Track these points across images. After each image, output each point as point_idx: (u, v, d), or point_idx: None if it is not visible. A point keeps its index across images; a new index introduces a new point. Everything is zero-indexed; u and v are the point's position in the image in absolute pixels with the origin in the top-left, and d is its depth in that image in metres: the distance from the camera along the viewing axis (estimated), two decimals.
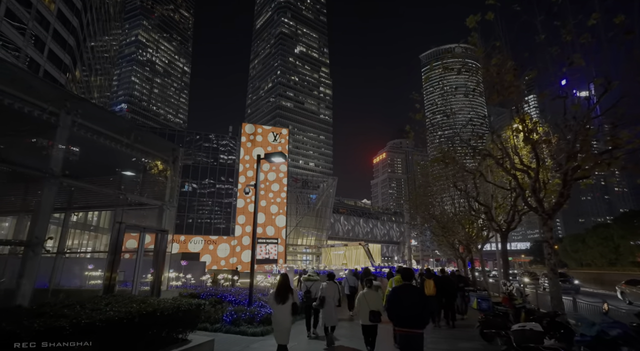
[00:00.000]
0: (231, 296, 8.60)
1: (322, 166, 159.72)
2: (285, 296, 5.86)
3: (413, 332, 4.55)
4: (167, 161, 7.88)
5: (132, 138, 6.73)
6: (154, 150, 7.36)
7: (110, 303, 4.44)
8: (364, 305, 6.66)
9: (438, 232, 26.05)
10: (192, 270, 17.38)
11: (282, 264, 43.26)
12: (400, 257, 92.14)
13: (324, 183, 69.38)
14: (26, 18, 33.73)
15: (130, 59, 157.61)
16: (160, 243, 7.37)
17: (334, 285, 8.27)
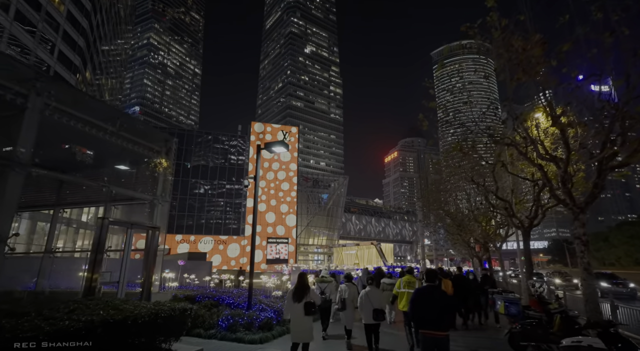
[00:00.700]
0: (230, 298, 7.92)
1: (333, 165, 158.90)
2: (302, 295, 5.84)
3: (438, 335, 4.45)
4: (160, 152, 7.28)
5: (117, 126, 6.14)
6: (143, 140, 6.75)
7: (76, 309, 3.82)
8: (367, 303, 6.57)
9: (453, 230, 25.05)
10: (197, 270, 16.87)
11: (292, 264, 42.65)
12: (413, 256, 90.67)
13: (334, 183, 68.57)
14: (36, 19, 33.97)
15: (142, 62, 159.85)
16: (151, 242, 6.76)
17: (354, 287, 8.01)
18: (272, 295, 9.21)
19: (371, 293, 6.69)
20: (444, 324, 4.50)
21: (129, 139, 6.45)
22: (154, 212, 6.95)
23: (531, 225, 11.71)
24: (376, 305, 6.51)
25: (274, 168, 45.87)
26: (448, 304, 4.63)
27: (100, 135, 5.77)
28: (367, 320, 6.56)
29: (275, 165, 45.96)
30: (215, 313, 6.81)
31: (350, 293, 7.61)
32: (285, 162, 46.61)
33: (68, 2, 38.95)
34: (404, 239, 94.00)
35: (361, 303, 6.71)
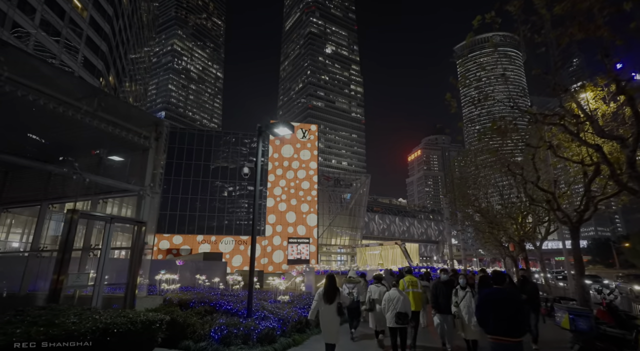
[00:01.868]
0: (228, 304, 6.95)
1: (355, 165, 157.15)
2: (333, 296, 5.85)
3: (512, 341, 4.19)
4: (148, 138, 6.41)
5: (95, 106, 5.30)
6: (128, 123, 5.90)
7: (11, 322, 2.95)
8: (390, 305, 6.49)
9: (484, 228, 23.29)
10: (211, 270, 16.15)
11: (312, 265, 41.66)
12: (439, 256, 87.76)
13: (356, 182, 67.15)
14: (60, 26, 34.81)
15: (167, 68, 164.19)
16: (136, 239, 5.92)
17: (383, 288, 7.89)
18: (279, 300, 8.18)
19: (393, 295, 6.57)
20: (519, 330, 4.22)
21: (110, 121, 5.61)
22: (140, 205, 6.09)
23: (581, 219, 10.10)
24: (399, 308, 6.34)
25: (294, 167, 45.10)
26: (520, 307, 4.35)
27: (70, 114, 4.92)
28: (390, 323, 6.47)
29: (295, 164, 45.19)
30: (208, 321, 5.85)
31: (380, 294, 7.58)
32: (305, 160, 45.75)
33: (90, 7, 39.81)
34: (430, 239, 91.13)
35: (384, 306, 6.64)
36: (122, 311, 3.91)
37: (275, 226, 43.02)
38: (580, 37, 5.99)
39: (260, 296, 8.99)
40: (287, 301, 8.32)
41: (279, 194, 43.85)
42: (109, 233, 5.43)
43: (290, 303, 8.25)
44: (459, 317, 6.77)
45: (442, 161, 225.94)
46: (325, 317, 5.79)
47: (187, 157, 43.53)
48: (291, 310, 7.43)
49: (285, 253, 42.54)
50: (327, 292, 5.86)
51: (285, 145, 45.43)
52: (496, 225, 20.44)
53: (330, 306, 5.76)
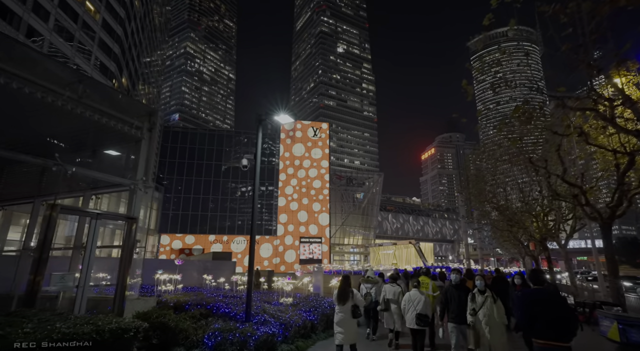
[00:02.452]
0: (226, 307, 6.48)
1: (368, 164, 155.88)
2: (346, 297, 5.85)
3: (559, 346, 3.90)
4: (141, 128, 5.99)
5: (79, 93, 4.90)
6: (118, 112, 5.48)
7: None
8: (411, 306, 6.37)
9: (502, 226, 22.32)
10: (219, 270, 15.81)
11: (324, 264, 41.12)
12: (455, 256, 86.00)
13: (369, 180, 66.29)
14: (73, 28, 35.25)
15: (180, 70, 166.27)
16: (127, 236, 5.50)
17: (398, 288, 7.82)
18: (282, 303, 7.66)
19: (414, 296, 6.42)
20: (567, 333, 3.92)
21: (96, 110, 5.20)
22: (132, 199, 5.67)
23: (613, 215, 9.25)
24: (419, 310, 6.21)
25: (305, 166, 44.69)
26: (568, 309, 4.08)
27: (49, 100, 4.52)
28: (410, 324, 6.37)
29: (306, 163, 44.78)
30: (202, 326, 5.37)
31: (395, 294, 7.51)
32: (317, 159, 45.27)
33: (103, 10, 40.25)
34: (445, 238, 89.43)
35: (404, 307, 6.55)
36: (93, 317, 3.46)
37: (287, 225, 42.68)
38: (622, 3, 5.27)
39: (266, 298, 8.53)
40: (292, 303, 7.81)
41: (290, 193, 43.50)
42: (94, 230, 5.03)
43: (296, 305, 7.74)
44: (476, 328, 5.62)
45: (456, 159, 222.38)
46: (338, 318, 5.78)
47: (199, 157, 43.61)
48: (295, 313, 6.94)
49: (297, 252, 42.16)
50: (340, 293, 5.87)
51: (296, 143, 45.06)
52: (516, 222, 19.51)
53: (344, 307, 5.77)
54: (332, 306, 8.23)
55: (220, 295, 8.43)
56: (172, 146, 43.35)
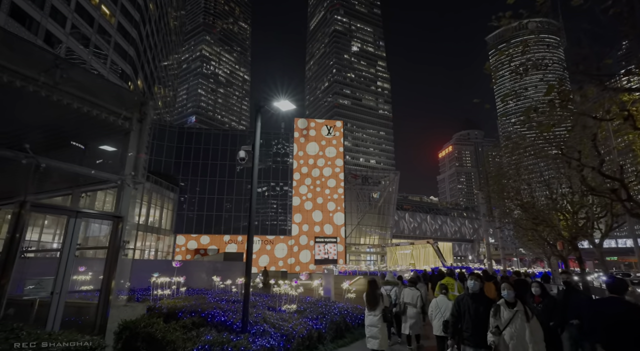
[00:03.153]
0: (222, 314, 5.89)
1: (384, 163, 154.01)
2: (376, 302, 5.77)
3: None
4: (130, 119, 5.51)
5: (56, 78, 4.44)
6: (103, 101, 5.01)
7: None
8: (438, 313, 6.10)
9: (527, 224, 21.11)
10: (230, 271, 15.38)
11: (339, 264, 40.40)
12: (475, 256, 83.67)
13: (385, 179, 65.11)
14: (89, 32, 35.81)
15: (196, 73, 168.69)
16: (114, 236, 5.02)
17: (417, 291, 7.49)
18: (285, 310, 7.04)
19: (441, 302, 6.17)
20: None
21: (76, 97, 4.70)
22: (120, 196, 5.18)
23: None
24: (447, 316, 5.63)
25: (319, 165, 44.11)
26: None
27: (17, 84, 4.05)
28: (437, 331, 6.09)
29: (320, 162, 44.19)
30: (192, 338, 4.81)
31: (413, 298, 7.24)
32: (331, 157, 44.62)
33: (118, 14, 40.81)
34: (464, 237, 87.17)
35: (431, 313, 6.27)
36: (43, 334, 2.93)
37: (302, 225, 42.22)
38: None
39: (272, 303, 7.95)
40: (297, 309, 7.15)
41: (305, 192, 43.02)
42: (73, 230, 4.58)
43: (302, 312, 7.10)
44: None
45: (474, 157, 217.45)
46: (371, 322, 5.66)
47: (213, 158, 43.66)
48: (300, 321, 6.28)
49: (312, 252, 41.63)
50: (370, 298, 5.75)
51: (310, 142, 44.55)
52: (542, 221, 18.33)
53: (376, 312, 5.68)
54: (342, 312, 7.60)
55: (223, 299, 7.89)
56: (186, 147, 43.57)
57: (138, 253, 35.03)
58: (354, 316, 7.74)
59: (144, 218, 35.65)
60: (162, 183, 39.08)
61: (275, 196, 44.27)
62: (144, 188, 35.43)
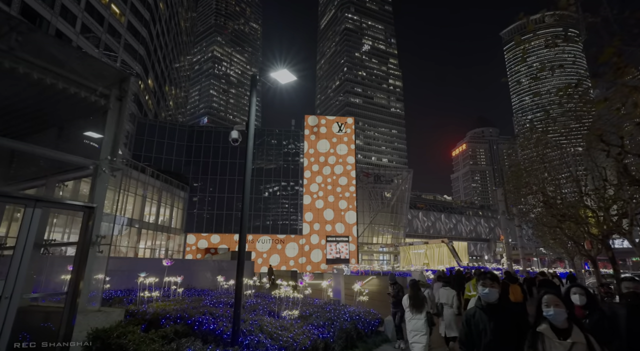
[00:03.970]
0: (213, 322, 5.11)
1: (396, 161, 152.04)
2: (421, 305, 5.66)
3: None
4: (107, 96, 4.79)
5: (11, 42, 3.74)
6: (71, 73, 4.31)
7: None
8: None
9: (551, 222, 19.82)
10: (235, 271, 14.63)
11: (351, 264, 39.44)
12: (491, 255, 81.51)
13: (397, 178, 63.81)
14: (99, 31, 35.82)
15: (208, 74, 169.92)
16: (84, 231, 4.32)
17: (452, 292, 7.23)
18: (285, 316, 6.20)
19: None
20: None
21: (38, 67, 3.99)
22: (95, 184, 4.47)
23: None
24: None
25: (330, 163, 43.25)
26: None
27: None
28: None
29: (331, 159, 43.34)
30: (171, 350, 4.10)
31: (448, 298, 7.01)
32: (342, 155, 43.71)
33: (128, 12, 40.80)
34: (479, 237, 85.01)
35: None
36: None
37: (313, 224, 41.44)
38: None
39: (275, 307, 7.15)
40: (297, 316, 6.24)
41: (316, 191, 42.24)
42: (30, 221, 3.88)
43: (307, 318, 6.23)
44: None
45: (489, 155, 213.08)
46: (415, 327, 5.53)
47: (223, 156, 43.29)
48: (303, 330, 5.41)
49: (324, 252, 40.82)
50: (415, 301, 5.65)
51: (320, 139, 43.75)
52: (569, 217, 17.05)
53: (419, 316, 5.57)
54: (353, 317, 6.75)
55: (221, 301, 7.12)
56: (196, 145, 43.33)
57: (148, 252, 34.86)
58: (367, 322, 6.85)
59: (154, 217, 35.46)
60: (173, 182, 38.87)
61: (286, 194, 43.61)
62: (154, 188, 35.30)
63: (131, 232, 31.73)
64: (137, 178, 32.72)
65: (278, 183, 43.74)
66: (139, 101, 42.51)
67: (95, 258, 4.47)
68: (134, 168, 32.96)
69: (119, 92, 5.00)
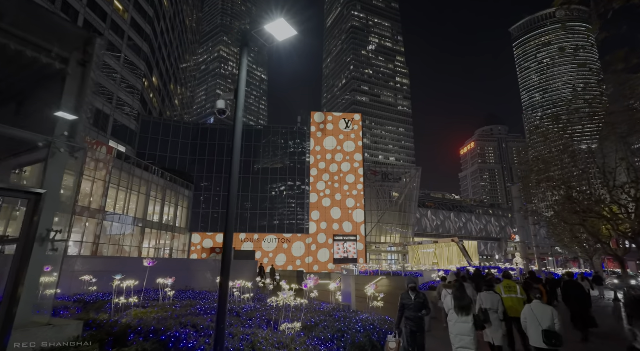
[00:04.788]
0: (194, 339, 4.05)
1: (404, 160, 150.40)
2: (468, 307, 5.23)
3: None
4: (67, 60, 3.89)
5: None
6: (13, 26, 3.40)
7: None
8: (534, 321, 5.29)
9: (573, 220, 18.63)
10: (236, 271, 13.80)
11: (359, 264, 38.38)
12: (502, 255, 79.73)
13: (406, 176, 62.55)
14: (102, 28, 35.29)
15: (215, 74, 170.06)
16: (29, 223, 3.41)
17: (496, 296, 6.68)
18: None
19: (536, 308, 5.45)
20: None
21: None
22: (46, 165, 3.58)
23: None
24: (546, 325, 5.15)
25: (337, 160, 42.23)
26: None
27: None
28: (536, 343, 5.33)
29: (338, 157, 42.32)
30: None
31: (493, 303, 6.46)
32: (349, 152, 42.66)
33: (132, 9, 40.26)
34: (490, 236, 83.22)
35: (525, 322, 5.59)
36: None
37: (320, 223, 40.47)
38: None
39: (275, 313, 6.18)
40: (300, 329, 5.12)
41: (323, 189, 41.26)
42: None
43: (311, 328, 5.18)
44: None
45: (498, 153, 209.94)
46: (461, 331, 5.20)
47: (228, 154, 42.54)
48: (307, 347, 4.42)
49: (331, 251, 39.83)
50: (462, 303, 5.28)
51: (327, 136, 42.76)
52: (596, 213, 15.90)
53: (466, 319, 5.23)
54: (367, 327, 5.76)
55: (204, 309, 6.13)
56: (201, 143, 42.68)
57: (153, 251, 34.25)
58: (383, 333, 5.84)
59: (159, 216, 34.84)
60: (177, 180, 38.24)
61: (292, 193, 42.71)
62: (158, 187, 34.68)
63: (135, 232, 31.12)
64: (140, 176, 32.11)
65: (284, 181, 42.86)
66: (144, 99, 41.98)
67: (45, 258, 3.57)
68: (138, 167, 32.36)
69: (82, 56, 4.09)
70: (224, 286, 3.58)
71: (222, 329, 3.19)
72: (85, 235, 26.64)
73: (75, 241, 26.64)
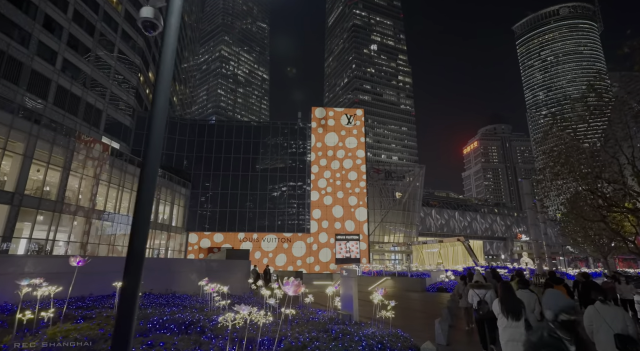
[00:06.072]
0: None
1: (407, 159, 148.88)
2: (518, 310, 4.80)
3: None
4: None
5: None
6: None
7: None
8: (602, 324, 4.70)
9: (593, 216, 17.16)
10: (227, 272, 12.41)
11: (362, 264, 36.90)
12: (508, 255, 78.07)
13: (409, 174, 61.03)
14: (94, 19, 34.04)
15: (216, 74, 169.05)
16: None
17: (533, 295, 5.99)
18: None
19: (603, 310, 4.73)
20: None
21: None
22: None
23: None
24: (618, 329, 4.45)
25: (339, 157, 40.81)
26: None
27: None
28: (606, 349, 4.60)
29: (340, 153, 40.90)
30: None
31: (530, 302, 5.85)
32: (351, 148, 41.24)
33: (125, 1, 39.04)
34: (495, 235, 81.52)
35: (589, 325, 4.88)
36: None
37: (321, 222, 39.03)
38: None
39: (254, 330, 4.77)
40: (291, 345, 3.70)
41: (324, 186, 39.83)
42: None
43: (317, 341, 3.82)
44: None
45: (502, 152, 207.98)
46: (511, 336, 4.67)
47: (226, 151, 41.27)
48: None
49: (333, 251, 38.39)
50: (509, 307, 4.76)
51: (328, 132, 41.37)
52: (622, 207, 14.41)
53: (517, 323, 4.70)
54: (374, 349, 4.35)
55: (180, 320, 4.72)
56: (198, 140, 41.40)
57: (148, 252, 32.96)
58: None
59: (154, 215, 33.53)
60: (173, 178, 36.95)
61: (292, 191, 41.32)
62: None
63: (128, 231, 29.83)
64: (133, 173, 30.83)
65: (284, 178, 41.48)
66: (139, 94, 40.73)
67: None
68: (131, 163, 31.10)
69: None
70: (125, 297, 2.17)
71: None
72: (74, 234, 25.35)
73: (63, 241, 25.37)
